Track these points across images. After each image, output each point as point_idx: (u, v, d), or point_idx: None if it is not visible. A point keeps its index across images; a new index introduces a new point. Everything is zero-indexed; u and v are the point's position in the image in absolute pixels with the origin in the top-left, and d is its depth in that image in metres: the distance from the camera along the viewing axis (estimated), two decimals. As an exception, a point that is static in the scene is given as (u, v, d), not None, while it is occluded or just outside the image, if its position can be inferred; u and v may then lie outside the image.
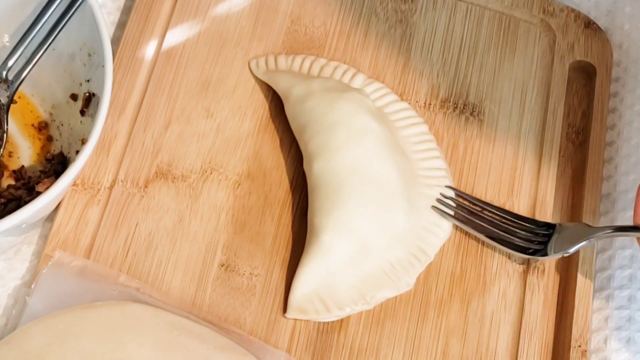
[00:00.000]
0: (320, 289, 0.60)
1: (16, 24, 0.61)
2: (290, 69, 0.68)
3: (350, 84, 0.67)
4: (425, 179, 0.65)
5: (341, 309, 0.60)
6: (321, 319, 0.60)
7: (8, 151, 0.62)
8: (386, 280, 0.61)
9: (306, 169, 0.63)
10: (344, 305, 0.60)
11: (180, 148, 0.65)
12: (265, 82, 0.68)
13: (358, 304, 0.60)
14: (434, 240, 0.63)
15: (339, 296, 0.60)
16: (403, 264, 0.62)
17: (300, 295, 0.60)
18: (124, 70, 0.66)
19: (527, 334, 0.63)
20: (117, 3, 0.70)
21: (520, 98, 0.71)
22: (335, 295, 0.60)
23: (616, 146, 0.70)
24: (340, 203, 0.61)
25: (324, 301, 0.60)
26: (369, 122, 0.63)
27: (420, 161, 0.66)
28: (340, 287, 0.60)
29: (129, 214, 0.62)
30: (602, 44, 0.73)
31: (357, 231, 0.61)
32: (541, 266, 0.65)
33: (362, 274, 0.61)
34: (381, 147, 0.63)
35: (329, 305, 0.60)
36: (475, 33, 0.73)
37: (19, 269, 0.60)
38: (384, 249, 0.62)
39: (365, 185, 0.62)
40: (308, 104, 0.64)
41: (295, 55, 0.69)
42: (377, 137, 0.63)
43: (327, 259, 0.60)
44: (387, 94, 0.68)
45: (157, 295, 0.59)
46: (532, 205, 0.67)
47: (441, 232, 0.64)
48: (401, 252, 0.62)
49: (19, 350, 0.55)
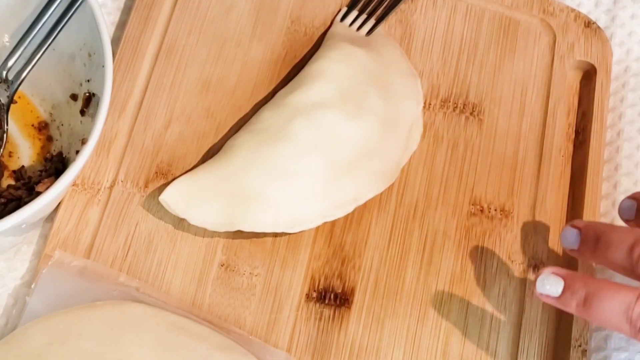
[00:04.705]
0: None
1: (16, 24, 0.62)
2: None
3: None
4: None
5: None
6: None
7: (8, 151, 0.62)
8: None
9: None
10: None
11: (180, 148, 0.65)
12: (267, 80, 0.68)
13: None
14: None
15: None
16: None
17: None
18: (124, 70, 0.66)
19: (527, 334, 0.63)
20: (117, 3, 0.70)
21: (520, 98, 0.71)
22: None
23: (616, 146, 0.70)
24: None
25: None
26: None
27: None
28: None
29: (129, 214, 0.62)
30: (602, 44, 0.73)
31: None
32: (541, 266, 0.65)
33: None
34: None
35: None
36: (475, 33, 0.73)
37: (19, 269, 0.60)
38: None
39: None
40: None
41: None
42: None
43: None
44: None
45: (157, 295, 0.59)
46: (532, 205, 0.67)
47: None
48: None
49: (19, 350, 0.55)
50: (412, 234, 0.65)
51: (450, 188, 0.67)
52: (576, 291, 0.55)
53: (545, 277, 0.56)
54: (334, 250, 0.63)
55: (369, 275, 0.63)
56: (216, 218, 0.60)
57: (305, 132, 0.62)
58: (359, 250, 0.64)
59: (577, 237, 0.58)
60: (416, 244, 0.65)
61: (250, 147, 0.62)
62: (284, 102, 0.64)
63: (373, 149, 0.64)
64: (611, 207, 0.68)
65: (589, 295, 0.54)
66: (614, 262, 0.56)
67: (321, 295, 0.62)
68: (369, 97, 0.65)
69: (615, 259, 0.56)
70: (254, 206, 0.61)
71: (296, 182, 0.61)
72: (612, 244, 0.56)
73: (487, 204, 0.67)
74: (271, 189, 0.61)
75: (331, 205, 0.62)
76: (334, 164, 0.62)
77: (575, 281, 0.55)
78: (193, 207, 0.60)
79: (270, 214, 0.61)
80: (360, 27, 0.70)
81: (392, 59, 0.69)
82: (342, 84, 0.65)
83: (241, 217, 0.60)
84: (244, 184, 0.61)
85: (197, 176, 0.61)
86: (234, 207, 0.60)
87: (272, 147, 0.62)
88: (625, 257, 0.55)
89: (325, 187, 0.62)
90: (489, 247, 0.65)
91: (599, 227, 0.58)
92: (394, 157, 0.65)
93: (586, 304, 0.54)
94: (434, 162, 0.67)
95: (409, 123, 0.66)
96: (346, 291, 0.62)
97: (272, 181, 0.61)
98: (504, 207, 0.67)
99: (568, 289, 0.55)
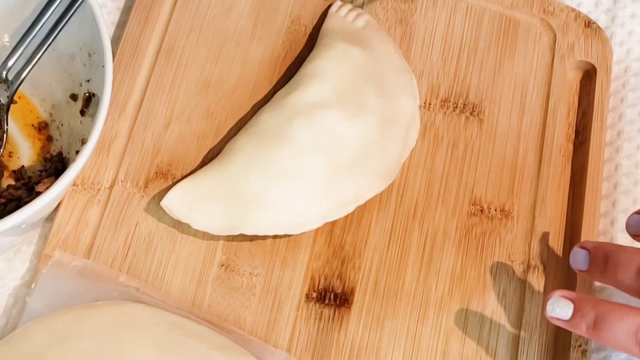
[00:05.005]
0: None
1: (16, 24, 0.62)
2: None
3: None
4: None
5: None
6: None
7: (8, 151, 0.62)
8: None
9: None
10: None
11: (180, 148, 0.65)
12: (267, 80, 0.68)
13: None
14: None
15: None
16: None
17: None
18: (124, 70, 0.66)
19: (527, 334, 0.63)
20: (117, 3, 0.70)
21: (520, 98, 0.71)
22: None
23: (616, 146, 0.70)
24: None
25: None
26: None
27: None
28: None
29: (129, 214, 0.62)
30: (602, 44, 0.73)
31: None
32: (541, 266, 0.65)
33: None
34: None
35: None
36: (475, 33, 0.73)
37: (19, 269, 0.60)
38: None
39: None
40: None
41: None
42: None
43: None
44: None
45: (157, 295, 0.59)
46: (532, 205, 0.67)
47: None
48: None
49: (19, 350, 0.55)
50: (412, 234, 0.65)
51: (450, 188, 0.67)
52: (586, 314, 0.55)
53: (555, 301, 0.56)
54: (334, 250, 0.63)
55: (369, 275, 0.63)
56: (218, 222, 0.60)
57: (305, 132, 0.62)
58: (359, 250, 0.64)
59: (586, 258, 0.59)
60: (416, 244, 0.65)
61: (250, 149, 0.62)
62: (282, 103, 0.64)
63: (372, 147, 0.64)
64: (611, 207, 0.68)
65: (598, 318, 0.55)
66: (623, 283, 0.56)
67: (321, 295, 0.62)
68: (367, 96, 0.65)
69: (623, 280, 0.56)
70: (256, 209, 0.60)
71: (297, 183, 0.61)
72: (621, 265, 0.56)
73: (487, 204, 0.67)
74: (272, 191, 0.61)
75: (332, 206, 0.62)
76: (335, 163, 0.62)
77: (585, 304, 0.56)
78: (195, 211, 0.60)
79: (271, 216, 0.61)
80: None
81: (386, 56, 0.69)
82: (339, 83, 0.65)
83: (243, 220, 0.60)
84: (245, 187, 0.61)
85: (198, 180, 0.61)
86: (236, 211, 0.60)
87: (272, 148, 0.62)
88: (633, 278, 0.56)
89: (326, 187, 0.62)
90: (489, 247, 0.65)
91: (608, 248, 0.58)
92: (394, 154, 0.65)
93: (596, 327, 0.55)
94: (434, 162, 0.67)
95: (407, 120, 0.66)
96: (346, 291, 0.62)
97: (273, 183, 0.61)
98: (504, 207, 0.67)
99: (578, 312, 0.56)
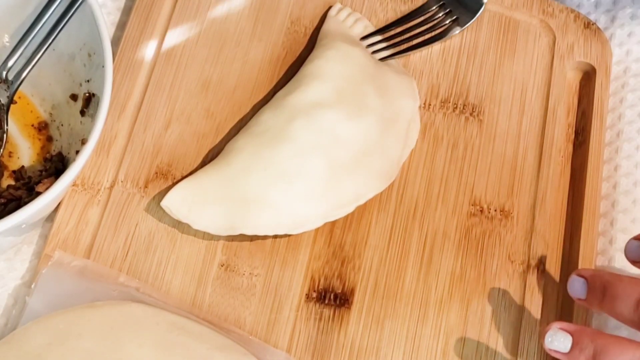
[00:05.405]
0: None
1: (16, 24, 0.62)
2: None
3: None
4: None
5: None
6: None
7: (8, 151, 0.62)
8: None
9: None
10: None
11: (180, 148, 0.65)
12: (267, 80, 0.68)
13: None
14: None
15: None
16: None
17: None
18: (124, 71, 0.66)
19: (527, 334, 0.63)
20: (117, 3, 0.70)
21: (520, 98, 0.71)
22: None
23: (616, 146, 0.70)
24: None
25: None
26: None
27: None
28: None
29: (129, 214, 0.62)
30: (601, 45, 0.73)
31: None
32: (541, 266, 0.65)
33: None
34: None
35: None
36: (475, 33, 0.73)
37: (19, 269, 0.60)
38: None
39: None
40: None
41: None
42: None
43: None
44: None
45: (157, 295, 0.59)
46: (532, 205, 0.67)
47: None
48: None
49: (19, 350, 0.55)
50: (412, 234, 0.65)
51: (450, 188, 0.67)
52: (584, 348, 0.55)
53: (554, 333, 0.56)
54: (333, 251, 0.63)
55: (368, 275, 0.63)
56: (218, 222, 0.60)
57: (305, 132, 0.62)
58: (359, 250, 0.64)
59: (584, 287, 0.58)
60: (416, 244, 0.65)
61: (251, 149, 0.62)
62: (283, 103, 0.64)
63: (373, 147, 0.64)
64: (611, 208, 0.68)
65: (597, 352, 0.54)
66: (622, 315, 0.56)
67: (321, 296, 0.62)
68: (367, 96, 0.65)
69: (622, 312, 0.56)
70: (256, 209, 0.60)
71: (297, 183, 0.61)
72: (619, 297, 0.56)
73: (487, 204, 0.67)
74: (272, 191, 0.61)
75: (332, 206, 0.62)
76: (335, 164, 0.62)
77: (583, 337, 0.55)
78: (195, 211, 0.60)
79: (272, 216, 0.61)
80: (376, 51, 0.71)
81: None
82: (340, 83, 0.65)
83: (243, 220, 0.60)
84: (245, 187, 0.61)
85: (198, 180, 0.61)
86: (236, 211, 0.60)
87: (272, 148, 0.62)
88: (632, 310, 0.55)
89: (326, 187, 0.62)
90: (489, 247, 0.65)
91: (605, 278, 0.58)
92: (394, 154, 0.65)
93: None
94: (434, 162, 0.67)
95: (407, 120, 0.66)
96: (346, 291, 0.62)
97: (273, 183, 0.61)
98: (503, 207, 0.67)
99: (576, 345, 0.55)
